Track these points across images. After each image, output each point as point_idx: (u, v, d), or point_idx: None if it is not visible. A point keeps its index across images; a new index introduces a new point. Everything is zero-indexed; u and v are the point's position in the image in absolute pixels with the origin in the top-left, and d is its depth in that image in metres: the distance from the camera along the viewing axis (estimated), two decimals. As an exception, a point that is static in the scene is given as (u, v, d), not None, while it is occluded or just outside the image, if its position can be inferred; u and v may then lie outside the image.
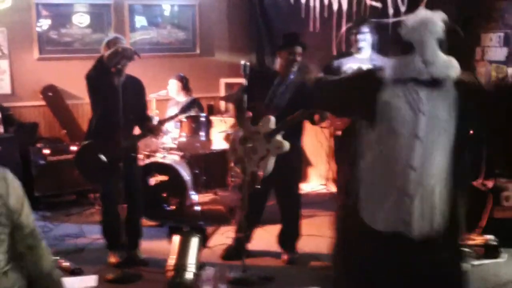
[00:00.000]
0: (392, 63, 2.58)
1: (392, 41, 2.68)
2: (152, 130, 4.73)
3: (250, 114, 4.40)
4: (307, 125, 4.72)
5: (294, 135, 4.56)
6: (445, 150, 2.53)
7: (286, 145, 4.34)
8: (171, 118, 5.12)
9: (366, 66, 4.50)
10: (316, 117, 4.48)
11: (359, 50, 4.95)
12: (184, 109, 5.07)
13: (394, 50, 2.61)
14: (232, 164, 4.74)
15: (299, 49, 4.58)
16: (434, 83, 2.52)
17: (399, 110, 2.52)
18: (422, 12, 2.59)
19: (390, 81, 2.55)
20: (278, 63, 4.67)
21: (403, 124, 2.51)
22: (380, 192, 2.57)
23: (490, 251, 4.68)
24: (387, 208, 2.54)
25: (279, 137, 4.35)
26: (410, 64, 2.53)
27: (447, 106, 2.51)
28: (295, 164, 4.69)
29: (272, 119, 4.39)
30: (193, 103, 5.89)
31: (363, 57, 4.91)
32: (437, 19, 2.56)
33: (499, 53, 5.70)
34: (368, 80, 2.67)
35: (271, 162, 4.36)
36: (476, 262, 4.56)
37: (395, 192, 2.53)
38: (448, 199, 2.55)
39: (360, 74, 2.79)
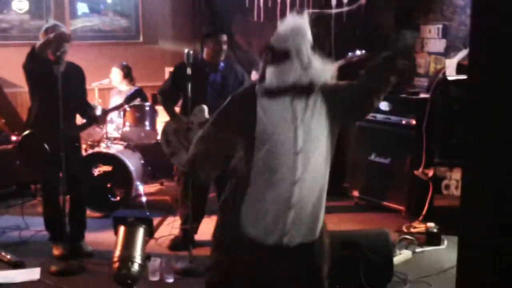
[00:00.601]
0: (272, 72, 2.54)
1: (267, 53, 2.58)
2: (97, 119, 4.68)
3: (178, 104, 4.32)
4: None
5: None
6: (322, 158, 2.54)
7: None
8: (117, 108, 5.04)
9: None
10: None
11: None
12: (129, 99, 5.00)
13: (271, 61, 2.55)
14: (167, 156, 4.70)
15: (224, 37, 4.58)
16: (310, 89, 2.52)
17: (277, 128, 2.50)
18: (291, 20, 2.58)
19: (269, 93, 2.53)
20: (205, 52, 4.64)
21: (283, 142, 2.49)
22: (263, 208, 2.55)
23: (431, 239, 4.80)
24: (269, 221, 2.54)
25: None
26: (289, 70, 2.51)
27: (319, 113, 2.53)
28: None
29: (205, 108, 4.37)
30: (138, 93, 5.82)
31: None
32: (306, 25, 2.56)
33: (438, 44, 5.83)
34: (244, 104, 2.63)
35: None
36: (418, 250, 4.69)
37: (278, 206, 2.52)
38: (321, 205, 2.59)
39: (232, 103, 2.69)
